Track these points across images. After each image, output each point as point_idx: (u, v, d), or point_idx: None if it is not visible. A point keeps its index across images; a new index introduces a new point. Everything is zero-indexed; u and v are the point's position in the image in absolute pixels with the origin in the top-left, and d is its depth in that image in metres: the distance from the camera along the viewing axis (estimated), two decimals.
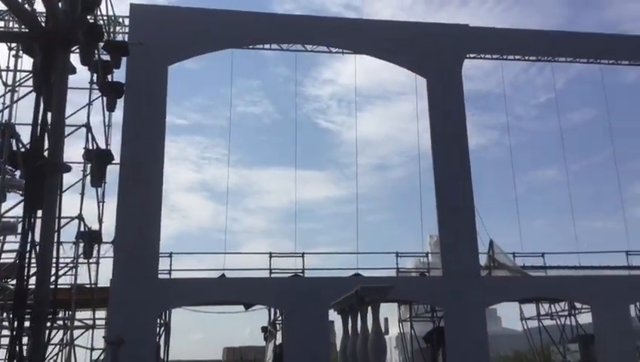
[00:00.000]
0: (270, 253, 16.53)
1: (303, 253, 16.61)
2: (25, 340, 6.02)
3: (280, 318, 16.78)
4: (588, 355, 17.72)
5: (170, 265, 15.89)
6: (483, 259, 17.48)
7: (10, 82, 13.00)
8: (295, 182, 18.97)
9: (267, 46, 17.73)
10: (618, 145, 19.81)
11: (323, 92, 61.67)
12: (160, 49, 16.36)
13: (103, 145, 14.86)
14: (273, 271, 16.37)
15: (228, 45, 17.33)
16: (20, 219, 11.45)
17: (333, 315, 15.54)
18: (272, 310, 17.74)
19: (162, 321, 16.20)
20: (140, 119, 15.96)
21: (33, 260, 5.72)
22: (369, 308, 10.75)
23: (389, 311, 24.61)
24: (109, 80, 14.67)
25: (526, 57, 19.30)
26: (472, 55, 18.61)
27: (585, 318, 18.96)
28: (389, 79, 40.76)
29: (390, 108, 57.58)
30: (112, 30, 15.88)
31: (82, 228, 13.67)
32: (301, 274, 16.42)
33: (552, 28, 20.70)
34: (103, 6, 14.05)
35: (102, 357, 14.06)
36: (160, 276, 15.42)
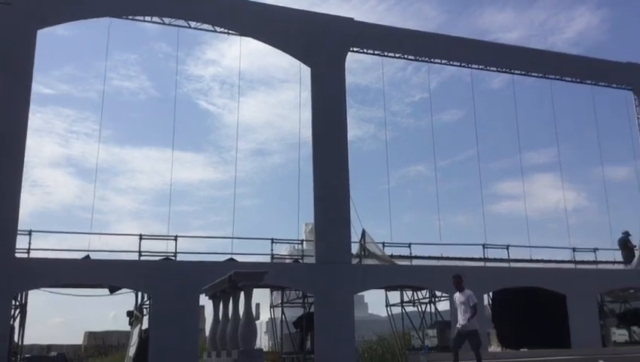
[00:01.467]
0: (140, 235, 15.94)
1: (176, 236, 16.20)
2: None
3: (148, 302, 16.24)
4: (444, 340, 18.93)
5: (30, 243, 14.81)
6: (355, 248, 18.04)
7: None
8: (172, 163, 18.41)
9: (148, 18, 16.93)
10: (482, 145, 21.23)
11: (205, 72, 60.36)
12: (29, 11, 15.09)
13: None
14: (143, 253, 15.80)
15: (105, 13, 16.34)
16: None
17: (204, 300, 15.35)
18: (140, 294, 17.13)
19: (18, 303, 15.08)
20: (1, 84, 14.64)
21: None
22: (241, 294, 10.70)
23: (261, 297, 24.75)
24: None
25: (405, 56, 20.08)
26: (355, 49, 19.04)
27: (444, 305, 20.20)
28: (273, 65, 40.76)
29: (272, 95, 57.64)
30: None
31: None
32: (173, 258, 15.99)
33: (429, 30, 21.76)
34: None
35: None
36: (17, 255, 14.32)
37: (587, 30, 74.53)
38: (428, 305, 21.23)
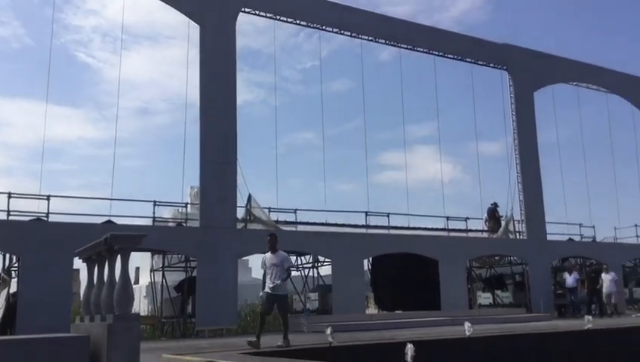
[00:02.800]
0: (9, 193, 14.85)
1: (49, 196, 15.24)
2: None
3: (16, 265, 15.24)
4: (325, 303, 19.52)
5: None
6: (241, 213, 17.96)
7: None
8: (45, 118, 17.34)
9: None
10: (369, 116, 21.74)
11: (86, 23, 56.46)
12: None
13: None
14: (12, 213, 14.75)
15: None
16: None
17: (79, 263, 14.63)
18: (8, 256, 16.04)
19: None
20: None
21: None
22: (118, 257, 10.30)
23: (143, 261, 24.05)
24: None
25: (297, 22, 19.98)
26: (247, 10, 18.64)
27: (326, 270, 20.77)
28: (160, 21, 38.86)
29: (159, 51, 55.15)
30: None
31: None
32: (45, 218, 15.07)
33: None
34: None
35: None
36: None
37: (471, 10, 78.06)
38: (311, 270, 21.74)
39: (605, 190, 28.36)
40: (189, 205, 18.39)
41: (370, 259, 21.67)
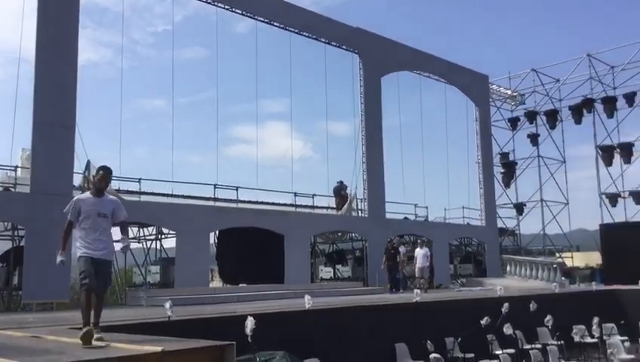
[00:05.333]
0: None
1: None
2: None
3: None
4: (167, 276, 19.03)
5: None
6: (78, 180, 16.79)
7: None
8: None
9: None
10: (222, 88, 21.37)
11: None
12: None
13: None
14: None
15: None
16: None
17: None
18: None
19: None
20: None
21: None
22: None
23: None
24: None
25: None
26: None
27: (170, 243, 20.22)
28: None
29: None
30: None
31: None
32: None
33: None
34: None
35: None
36: None
37: None
38: (154, 242, 21.04)
39: (440, 173, 30.69)
40: (19, 169, 16.82)
41: (217, 232, 21.49)
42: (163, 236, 20.49)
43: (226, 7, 20.76)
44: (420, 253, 21.28)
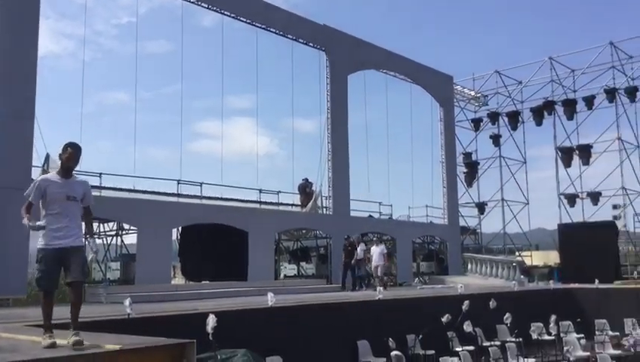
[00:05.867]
0: None
1: None
2: None
3: None
4: (128, 273, 18.71)
5: None
6: (36, 173, 16.35)
7: None
8: None
9: None
10: (187, 82, 21.08)
11: None
12: None
13: None
14: None
15: None
16: None
17: None
18: None
19: None
20: None
21: None
22: None
23: None
24: None
25: None
26: None
27: (131, 239, 19.90)
28: None
29: None
30: None
31: None
32: None
33: None
34: None
35: None
36: None
37: None
38: (114, 238, 20.68)
39: (404, 172, 30.98)
40: None
41: (180, 228, 21.22)
42: (124, 232, 20.15)
43: (192, 0, 20.50)
44: (375, 250, 21.03)
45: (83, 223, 6.28)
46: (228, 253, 20.90)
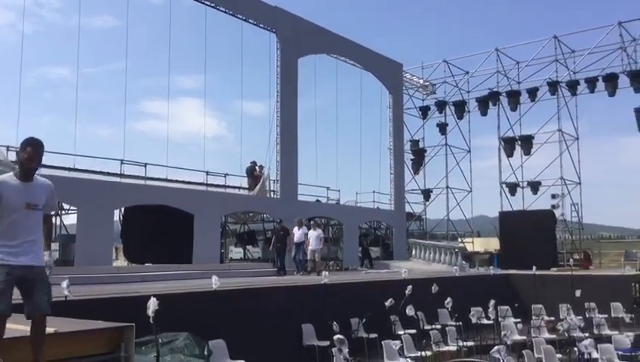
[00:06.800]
0: None
1: None
2: None
3: None
4: (67, 254, 18.16)
5: None
6: None
7: None
8: None
9: None
10: (133, 60, 20.46)
11: None
12: None
13: None
14: None
15: None
16: None
17: None
18: None
19: None
20: None
21: None
22: None
23: None
24: None
25: None
26: None
27: (72, 219, 19.28)
28: None
29: None
30: None
31: None
32: None
33: None
34: None
35: None
36: None
37: None
38: (53, 218, 19.96)
39: (353, 157, 31.14)
40: None
41: (122, 209, 20.68)
42: (63, 212, 19.50)
43: None
44: (312, 234, 20.46)
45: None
46: (172, 235, 20.53)
